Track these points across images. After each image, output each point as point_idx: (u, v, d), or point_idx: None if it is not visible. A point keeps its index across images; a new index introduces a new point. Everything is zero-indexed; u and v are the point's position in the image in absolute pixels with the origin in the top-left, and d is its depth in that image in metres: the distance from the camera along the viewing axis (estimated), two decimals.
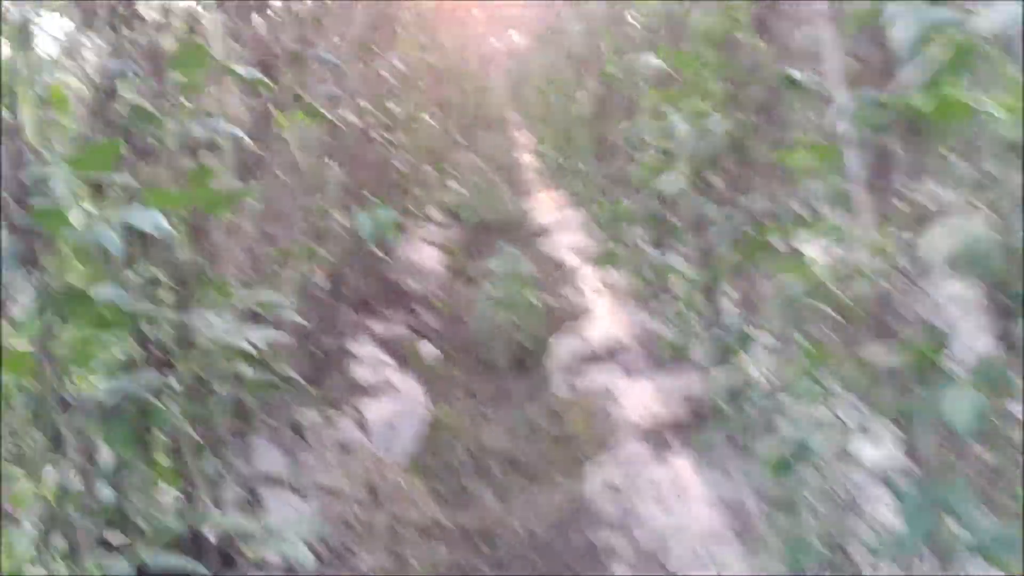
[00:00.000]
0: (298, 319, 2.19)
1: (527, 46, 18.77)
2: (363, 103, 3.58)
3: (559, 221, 7.60)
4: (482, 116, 19.07)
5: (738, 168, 2.49)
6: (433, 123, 9.51)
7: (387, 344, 4.03)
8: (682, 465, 2.77)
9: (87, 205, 1.41)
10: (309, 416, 2.92)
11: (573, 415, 3.47)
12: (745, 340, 2.52)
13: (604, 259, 4.88)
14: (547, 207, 8.57)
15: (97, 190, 1.41)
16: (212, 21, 2.08)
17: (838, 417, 1.91)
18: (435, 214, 7.81)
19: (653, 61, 2.95)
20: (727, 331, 2.89)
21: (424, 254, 6.15)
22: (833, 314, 1.89)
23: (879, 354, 1.59)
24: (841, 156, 1.66)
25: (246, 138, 1.54)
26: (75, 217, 1.39)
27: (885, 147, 1.57)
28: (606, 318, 4.58)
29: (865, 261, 1.65)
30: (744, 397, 2.67)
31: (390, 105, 4.86)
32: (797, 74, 2.04)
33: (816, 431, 1.82)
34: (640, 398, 3.48)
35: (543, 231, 7.41)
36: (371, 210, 2.18)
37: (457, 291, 5.49)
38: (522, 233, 7.62)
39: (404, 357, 4.00)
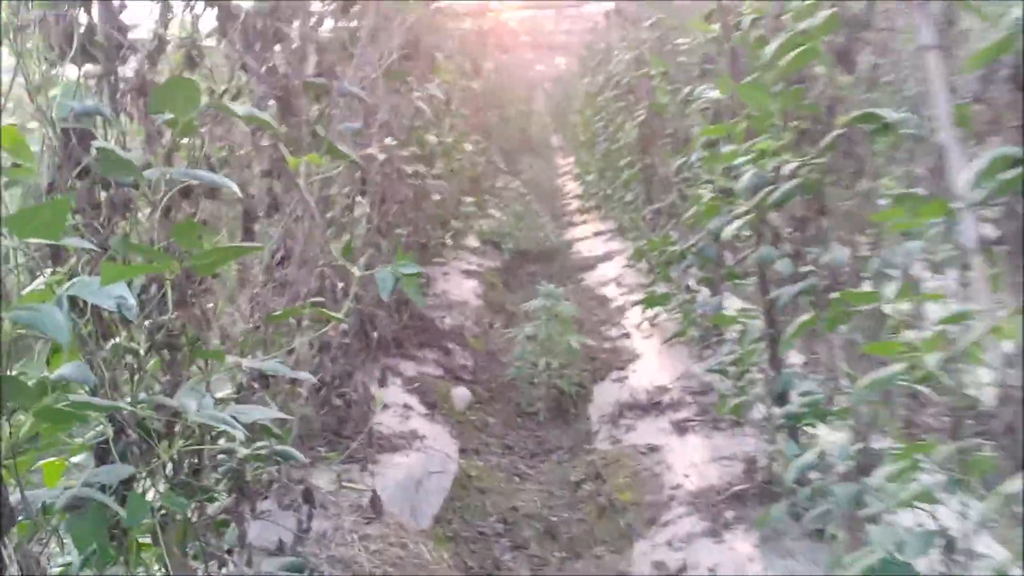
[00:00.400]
0: (310, 378, 1.95)
1: (573, 72, 18.63)
2: (395, 136, 3.36)
3: (603, 253, 7.32)
4: (525, 142, 18.94)
5: (811, 215, 2.19)
6: (474, 150, 9.36)
7: (417, 388, 3.79)
8: (742, 547, 2.44)
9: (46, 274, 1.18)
10: (326, 477, 2.68)
11: (618, 476, 3.17)
12: (820, 410, 2.20)
13: (652, 300, 4.58)
14: (590, 237, 8.29)
15: (57, 255, 1.18)
16: (219, 51, 1.88)
17: (938, 521, 1.60)
18: (474, 243, 7.60)
19: (710, 93, 2.67)
20: (790, 391, 2.58)
21: (461, 286, 5.91)
22: (937, 398, 1.59)
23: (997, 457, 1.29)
24: (953, 215, 1.37)
25: (234, 187, 1.31)
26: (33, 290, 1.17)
27: (1013, 209, 1.27)
28: (653, 364, 4.27)
29: (980, 342, 1.35)
30: (816, 474, 2.35)
31: (429, 136, 4.66)
32: (890, 114, 1.75)
33: (915, 541, 1.51)
34: (692, 458, 3.17)
35: (586, 263, 7.13)
36: (393, 261, 1.93)
37: (495, 328, 5.23)
38: (564, 264, 7.34)
39: (435, 402, 3.75)
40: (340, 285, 2.47)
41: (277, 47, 2.03)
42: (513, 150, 16.20)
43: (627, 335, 4.87)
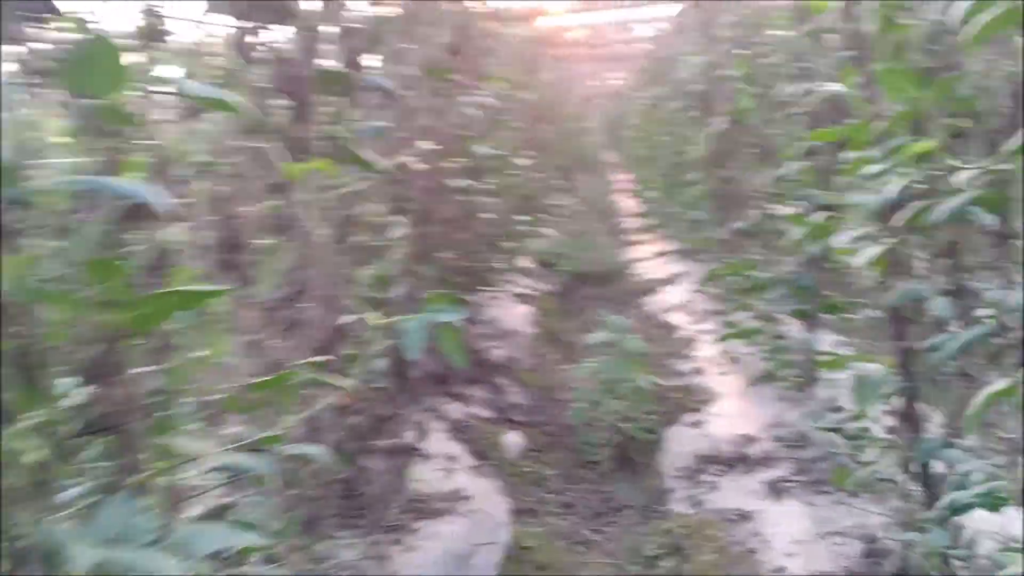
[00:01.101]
0: (320, 454, 1.48)
1: (630, 82, 18.14)
2: (437, 144, 2.91)
3: (666, 276, 6.75)
4: (580, 158, 18.46)
5: (984, 239, 1.64)
6: (527, 165, 8.90)
7: (463, 434, 3.31)
8: None
9: None
10: (349, 555, 2.21)
11: (702, 550, 2.62)
12: (996, 499, 1.64)
13: (736, 332, 4.03)
14: (651, 259, 7.73)
15: None
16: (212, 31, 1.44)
17: None
18: (528, 264, 7.11)
19: (828, 88, 2.14)
20: (935, 464, 2.02)
21: (513, 313, 5.43)
22: None
23: None
24: None
25: (168, 201, 0.86)
26: None
27: None
28: (734, 407, 3.71)
29: None
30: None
31: (480, 147, 4.21)
32: None
33: None
34: (793, 531, 2.61)
35: (647, 287, 6.58)
36: (431, 300, 1.46)
37: (550, 361, 4.73)
38: (624, 289, 6.80)
39: (483, 451, 3.26)
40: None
41: (284, 25, 1.58)
42: (568, 166, 15.74)
43: (699, 371, 4.31)
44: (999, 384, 1.37)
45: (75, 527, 0.91)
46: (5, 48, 1.03)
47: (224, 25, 1.54)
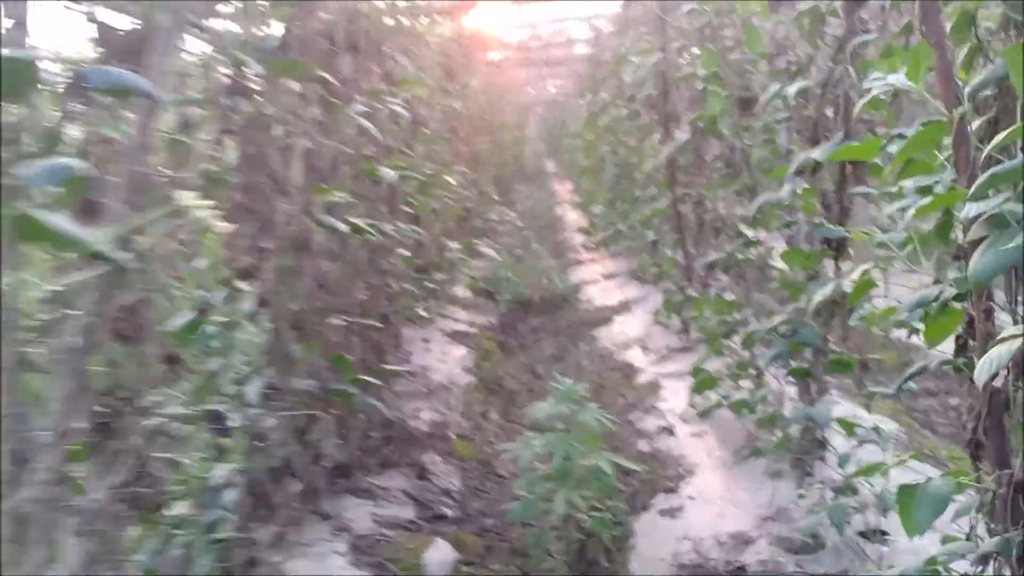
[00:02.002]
0: None
1: (568, 93, 17.54)
2: (317, 172, 2.11)
3: (619, 302, 6.03)
4: (519, 169, 17.77)
5: None
6: (461, 181, 8.11)
7: (369, 552, 2.49)
8: None
9: None
10: None
11: None
12: None
13: (704, 383, 3.31)
14: (600, 280, 7.02)
15: None
16: None
17: None
18: (465, 292, 6.32)
19: (881, 81, 1.41)
20: None
21: (446, 357, 4.63)
22: None
23: None
24: None
25: None
26: None
27: None
28: (716, 486, 2.99)
29: None
30: None
31: (385, 168, 3.41)
32: None
33: None
34: None
35: (599, 316, 5.85)
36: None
37: (491, 423, 3.93)
38: (572, 318, 6.06)
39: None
40: None
41: None
42: (506, 178, 15.01)
43: (669, 429, 3.58)
44: None
45: None
46: None
47: None
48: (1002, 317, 1.50)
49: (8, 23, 1.12)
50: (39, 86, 1.04)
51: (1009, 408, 1.37)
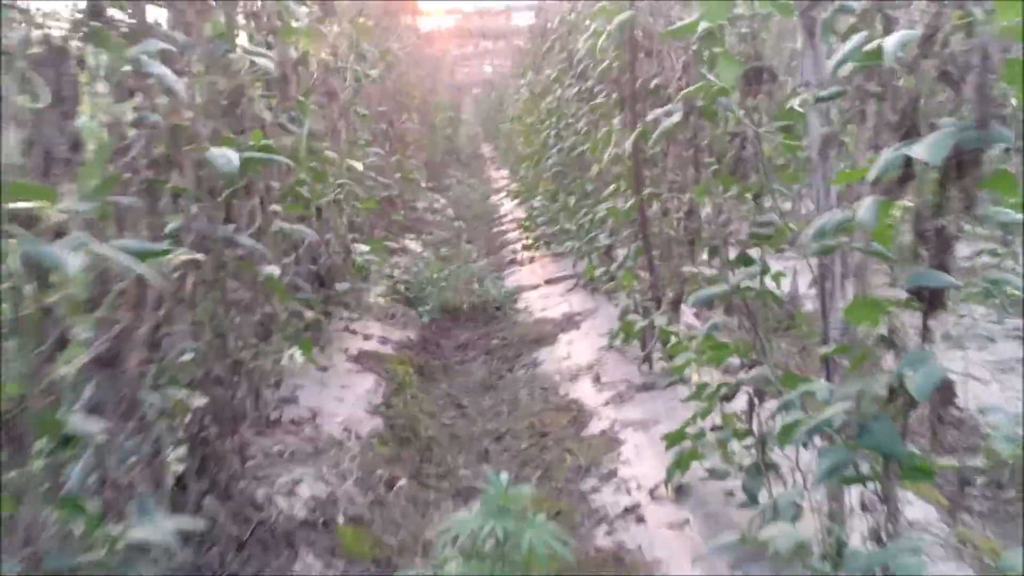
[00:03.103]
0: None
1: (505, 74, 16.54)
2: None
3: (563, 315, 5.11)
4: (452, 152, 16.70)
5: None
6: (376, 164, 7.07)
7: None
8: None
9: None
10: None
11: None
12: None
13: (687, 459, 2.43)
14: (541, 285, 6.09)
15: None
16: None
17: None
18: (379, 303, 5.30)
19: None
20: None
21: (346, 394, 3.63)
22: None
23: None
24: None
25: None
26: None
27: None
28: None
29: None
30: None
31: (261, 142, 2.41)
32: None
33: None
34: None
35: (540, 332, 4.91)
36: None
37: (397, 492, 2.94)
38: (508, 334, 5.11)
39: None
40: None
41: None
42: (438, 163, 13.94)
43: (635, 511, 2.67)
44: None
45: None
46: None
47: None
48: None
49: None
50: None
51: None
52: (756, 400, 2.20)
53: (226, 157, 1.77)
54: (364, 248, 4.13)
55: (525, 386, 4.11)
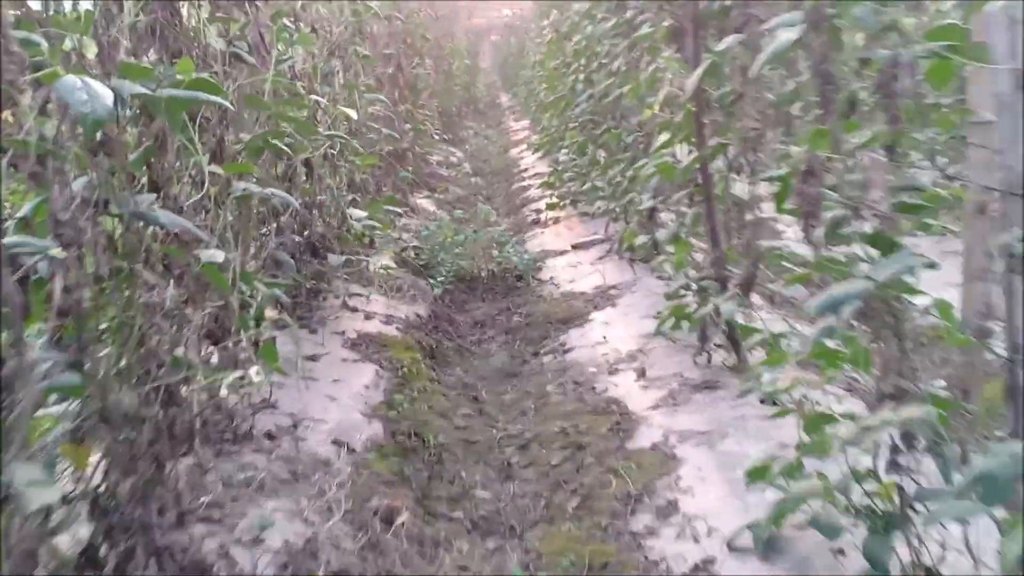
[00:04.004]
0: None
1: (525, 17, 15.57)
2: None
3: (595, 289, 4.43)
4: (470, 102, 15.84)
5: None
6: (398, 114, 6.35)
7: None
8: None
9: None
10: None
11: None
12: None
13: (786, 507, 1.78)
14: (568, 251, 5.40)
15: None
16: None
17: None
18: (385, 272, 4.64)
19: None
20: None
21: (339, 389, 3.00)
22: None
23: None
24: None
25: None
26: None
27: None
28: None
29: None
30: None
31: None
32: None
33: None
34: None
35: (569, 310, 4.24)
36: None
37: (396, 531, 2.31)
38: (532, 310, 4.44)
39: None
40: None
41: None
42: (454, 112, 13.13)
43: (710, 570, 2.03)
44: None
45: None
46: None
47: None
48: None
49: None
50: None
51: None
52: (902, 446, 1.53)
53: (87, 92, 1.09)
54: (361, 213, 3.45)
55: (553, 377, 3.46)
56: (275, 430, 2.54)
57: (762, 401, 2.64)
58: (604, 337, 3.68)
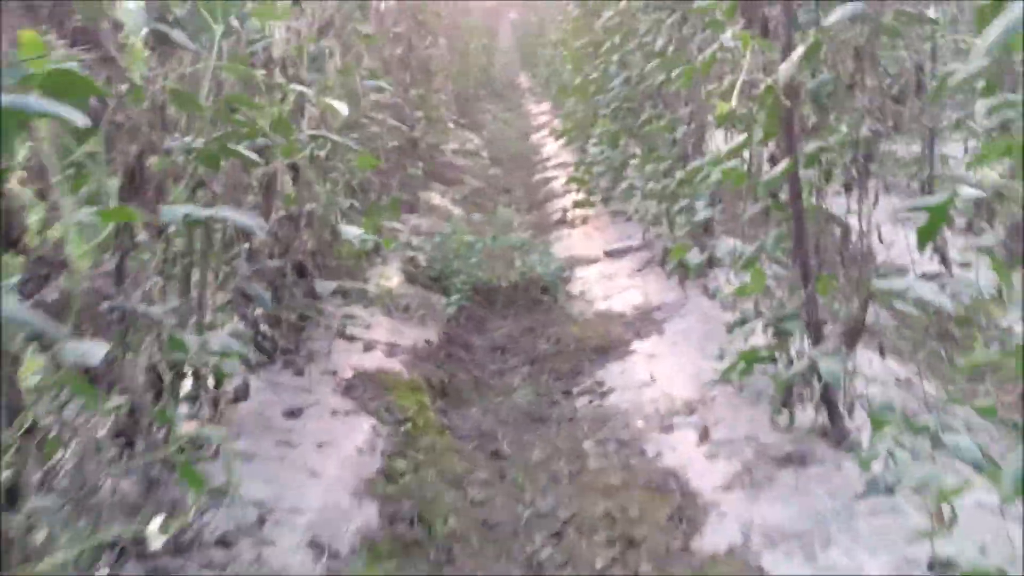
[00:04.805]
0: None
1: None
2: None
3: (634, 309, 3.78)
4: (487, 83, 15.12)
5: None
6: (409, 101, 5.71)
7: None
8: None
9: None
10: None
11: None
12: None
13: None
14: (600, 259, 4.74)
15: None
16: None
17: None
18: (392, 285, 4.04)
19: None
20: None
21: (324, 454, 2.38)
22: None
23: None
24: None
25: None
26: None
27: None
28: None
29: None
30: None
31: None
32: None
33: None
34: None
35: (604, 335, 3.59)
36: None
37: None
38: (559, 334, 3.79)
39: None
40: None
41: None
42: (471, 95, 12.44)
43: None
44: None
45: None
46: None
47: None
48: None
49: None
50: None
51: None
52: None
53: None
54: (354, 230, 2.81)
55: (591, 430, 2.82)
56: (233, 531, 1.92)
57: (873, 490, 2.00)
58: (651, 376, 3.04)
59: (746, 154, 2.59)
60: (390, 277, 4.13)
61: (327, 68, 3.16)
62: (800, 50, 1.88)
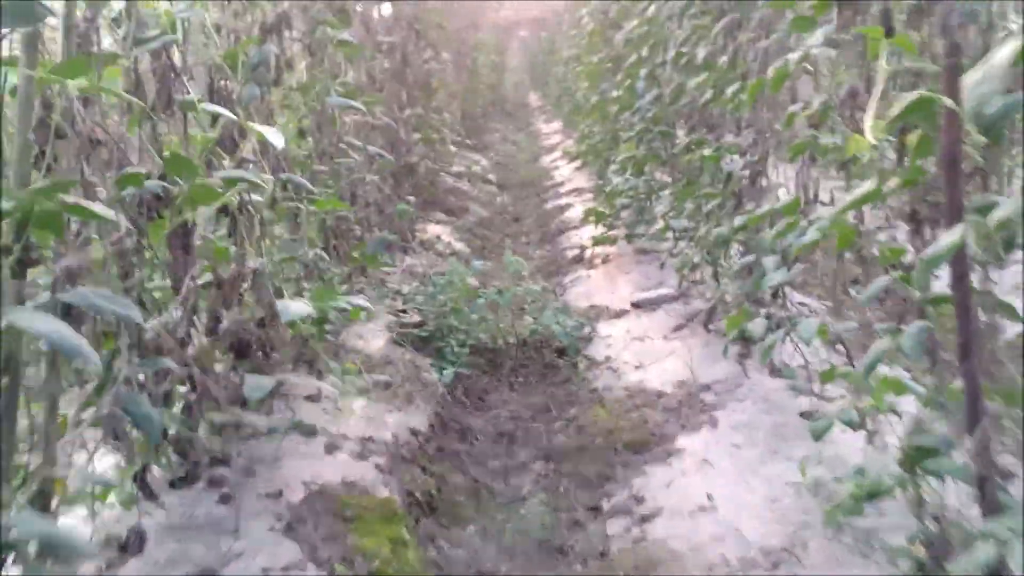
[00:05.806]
0: None
1: (557, 11, 14.13)
2: None
3: (676, 385, 2.99)
4: (496, 103, 14.43)
5: None
6: (404, 121, 5.01)
7: None
8: None
9: None
10: None
11: None
12: None
13: None
14: (628, 312, 3.95)
15: None
16: None
17: None
18: (374, 349, 3.29)
19: None
20: None
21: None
22: None
23: None
24: None
25: None
26: None
27: None
28: None
29: None
30: None
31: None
32: None
33: None
34: None
35: (638, 421, 2.79)
36: None
37: None
38: (580, 416, 2.99)
39: None
40: None
41: None
42: (479, 115, 11.74)
43: None
44: None
45: None
46: None
47: None
48: None
49: None
50: None
51: None
52: None
53: None
54: (299, 307, 2.05)
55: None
56: None
57: None
58: (708, 497, 2.24)
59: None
60: (373, 337, 3.37)
61: (279, 80, 2.42)
62: (1009, 47, 1.11)
